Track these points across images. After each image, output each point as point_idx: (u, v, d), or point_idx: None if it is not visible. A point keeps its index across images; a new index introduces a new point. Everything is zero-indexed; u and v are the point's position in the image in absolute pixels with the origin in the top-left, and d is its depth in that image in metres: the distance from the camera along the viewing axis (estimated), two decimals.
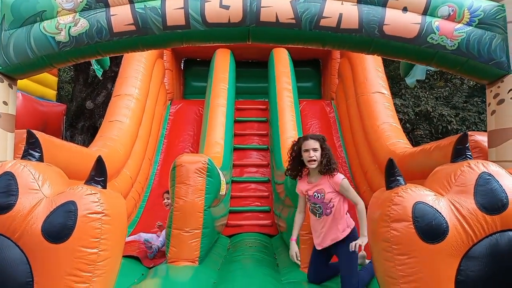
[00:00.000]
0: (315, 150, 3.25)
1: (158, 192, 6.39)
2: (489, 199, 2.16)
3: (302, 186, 3.42)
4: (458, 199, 2.19)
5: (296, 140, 3.46)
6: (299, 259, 3.36)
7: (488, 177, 2.21)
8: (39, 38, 3.07)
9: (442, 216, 2.14)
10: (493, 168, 2.25)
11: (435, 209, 2.16)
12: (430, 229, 2.13)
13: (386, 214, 2.21)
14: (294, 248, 3.37)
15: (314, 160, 3.25)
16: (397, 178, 2.30)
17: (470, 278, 2.13)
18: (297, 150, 3.36)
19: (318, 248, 3.35)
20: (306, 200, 3.41)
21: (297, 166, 3.41)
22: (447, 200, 2.20)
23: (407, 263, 2.15)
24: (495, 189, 2.18)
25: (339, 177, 3.26)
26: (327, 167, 3.23)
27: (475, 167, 2.25)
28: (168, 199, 4.64)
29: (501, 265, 2.14)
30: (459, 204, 2.18)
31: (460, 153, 2.40)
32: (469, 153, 2.41)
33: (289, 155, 3.45)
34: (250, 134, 7.57)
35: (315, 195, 3.30)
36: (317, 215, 3.31)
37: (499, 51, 3.12)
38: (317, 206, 3.30)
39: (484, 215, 2.15)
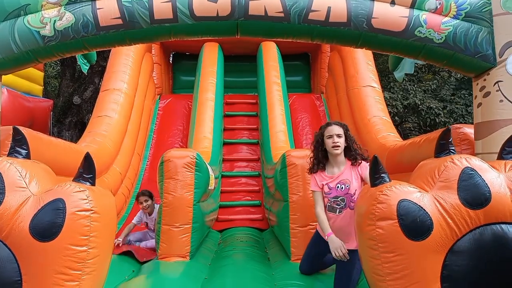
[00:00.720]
0: (339, 136, 3.07)
1: (148, 187, 6.36)
2: (472, 193, 2.18)
3: (319, 180, 3.16)
4: (442, 195, 2.21)
5: (318, 129, 3.25)
6: (345, 251, 2.95)
7: (471, 172, 2.22)
8: (23, 32, 3.01)
9: (427, 212, 2.16)
10: (476, 163, 2.27)
11: (420, 206, 2.17)
12: (415, 226, 2.14)
13: (371, 212, 2.22)
14: (337, 241, 2.96)
15: (339, 146, 3.04)
16: (382, 175, 2.30)
17: (455, 273, 2.15)
18: (320, 138, 3.15)
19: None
20: (323, 195, 3.16)
21: (322, 157, 3.16)
22: (431, 196, 2.22)
23: (393, 261, 2.17)
24: (478, 183, 2.19)
25: (365, 162, 3.04)
26: (355, 153, 3.05)
27: (458, 162, 2.26)
28: (147, 201, 4.61)
29: (486, 259, 2.16)
30: (443, 199, 2.20)
31: (443, 148, 2.41)
32: (453, 148, 2.41)
33: (312, 148, 3.23)
34: (240, 128, 7.56)
35: (338, 186, 3.07)
36: (337, 210, 3.06)
37: (485, 44, 3.15)
38: (339, 199, 3.06)
39: (467, 210, 2.17)
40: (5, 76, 3.30)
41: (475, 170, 2.23)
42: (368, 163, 2.96)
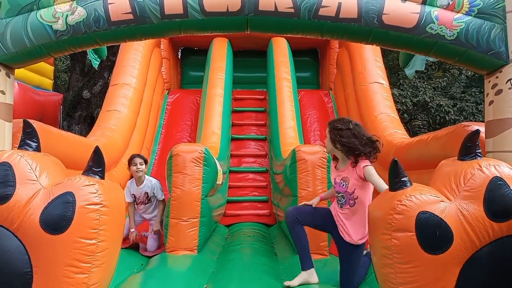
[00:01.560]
0: (326, 136, 3.14)
1: None
2: (498, 206, 2.08)
3: (332, 174, 3.25)
4: (467, 206, 2.10)
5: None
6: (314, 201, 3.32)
7: (500, 182, 2.10)
8: (36, 27, 3.04)
9: (448, 226, 2.06)
10: (505, 171, 2.13)
11: (441, 218, 2.07)
12: (434, 240, 2.07)
13: (388, 222, 2.14)
14: (316, 199, 3.37)
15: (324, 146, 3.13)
16: (402, 179, 2.20)
17: (471, 284, 2.09)
18: None
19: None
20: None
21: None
22: (455, 207, 2.11)
23: (408, 272, 2.11)
24: (506, 195, 2.08)
25: (363, 163, 2.97)
26: (347, 152, 3.01)
27: (486, 170, 2.13)
28: (142, 164, 4.23)
29: (502, 270, 2.09)
30: (467, 211, 2.09)
31: (469, 150, 2.29)
32: (479, 152, 2.30)
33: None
34: (248, 124, 7.56)
35: (341, 183, 3.08)
36: (340, 205, 3.12)
37: (498, 41, 3.11)
38: (339, 195, 3.11)
39: (491, 223, 2.08)
40: (16, 70, 3.33)
41: (503, 180, 2.11)
42: (369, 160, 2.97)
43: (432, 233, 2.06)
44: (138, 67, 6.65)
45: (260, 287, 3.12)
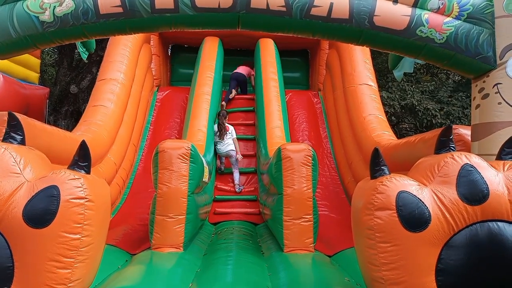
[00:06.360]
0: None
1: (143, 178, 6.33)
2: (470, 189, 2.21)
3: None
4: (441, 189, 2.24)
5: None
6: None
7: (470, 169, 2.26)
8: (22, 17, 2.98)
9: (425, 205, 2.19)
10: (476, 160, 2.30)
11: (418, 198, 2.20)
12: (413, 218, 2.18)
13: (370, 202, 2.25)
14: None
15: None
16: (382, 167, 2.33)
17: (450, 267, 2.19)
18: None
19: None
20: None
21: None
22: (430, 190, 2.25)
23: (389, 251, 2.20)
24: (476, 180, 2.23)
25: None
26: None
27: (458, 159, 2.29)
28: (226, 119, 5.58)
29: (480, 255, 2.19)
30: (441, 194, 2.23)
31: (444, 144, 2.45)
32: (453, 145, 2.46)
33: None
34: (237, 124, 7.53)
35: None
36: None
37: (486, 46, 3.15)
38: None
39: (465, 205, 2.20)
40: (1, 61, 3.27)
41: (474, 167, 2.26)
42: None
43: (412, 211, 2.18)
44: (126, 62, 6.57)
45: (247, 286, 3.11)
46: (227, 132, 6.46)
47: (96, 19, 3.04)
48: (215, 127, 6.47)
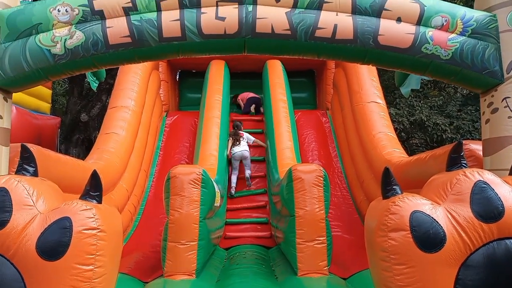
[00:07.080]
0: None
1: (153, 204, 6.33)
2: (485, 207, 2.17)
3: None
4: (455, 208, 2.20)
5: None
6: None
7: (484, 185, 2.21)
8: (34, 51, 3.06)
9: (439, 225, 2.15)
10: (489, 177, 2.26)
11: (432, 218, 2.16)
12: (428, 238, 2.13)
13: (383, 223, 2.21)
14: None
15: None
16: (394, 187, 2.29)
17: (468, 287, 2.12)
18: None
19: None
20: None
21: None
22: (443, 209, 2.21)
23: (405, 273, 2.14)
24: (490, 197, 2.18)
25: None
26: None
27: (470, 176, 2.26)
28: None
29: (499, 273, 2.13)
30: (455, 212, 2.18)
31: (455, 161, 2.41)
32: (464, 162, 2.42)
33: None
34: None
35: None
36: None
37: (492, 60, 3.15)
38: None
39: (480, 223, 2.15)
40: (14, 94, 3.34)
41: (487, 183, 2.22)
42: None
43: (426, 231, 2.13)
44: (136, 89, 6.67)
45: None
46: (242, 138, 6.84)
47: (106, 50, 3.11)
48: (230, 139, 6.84)
